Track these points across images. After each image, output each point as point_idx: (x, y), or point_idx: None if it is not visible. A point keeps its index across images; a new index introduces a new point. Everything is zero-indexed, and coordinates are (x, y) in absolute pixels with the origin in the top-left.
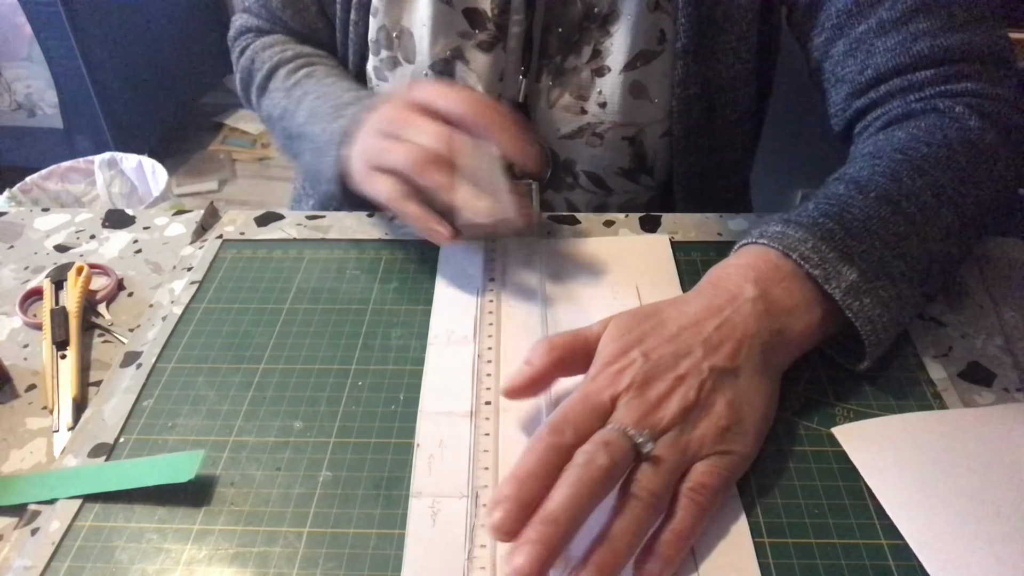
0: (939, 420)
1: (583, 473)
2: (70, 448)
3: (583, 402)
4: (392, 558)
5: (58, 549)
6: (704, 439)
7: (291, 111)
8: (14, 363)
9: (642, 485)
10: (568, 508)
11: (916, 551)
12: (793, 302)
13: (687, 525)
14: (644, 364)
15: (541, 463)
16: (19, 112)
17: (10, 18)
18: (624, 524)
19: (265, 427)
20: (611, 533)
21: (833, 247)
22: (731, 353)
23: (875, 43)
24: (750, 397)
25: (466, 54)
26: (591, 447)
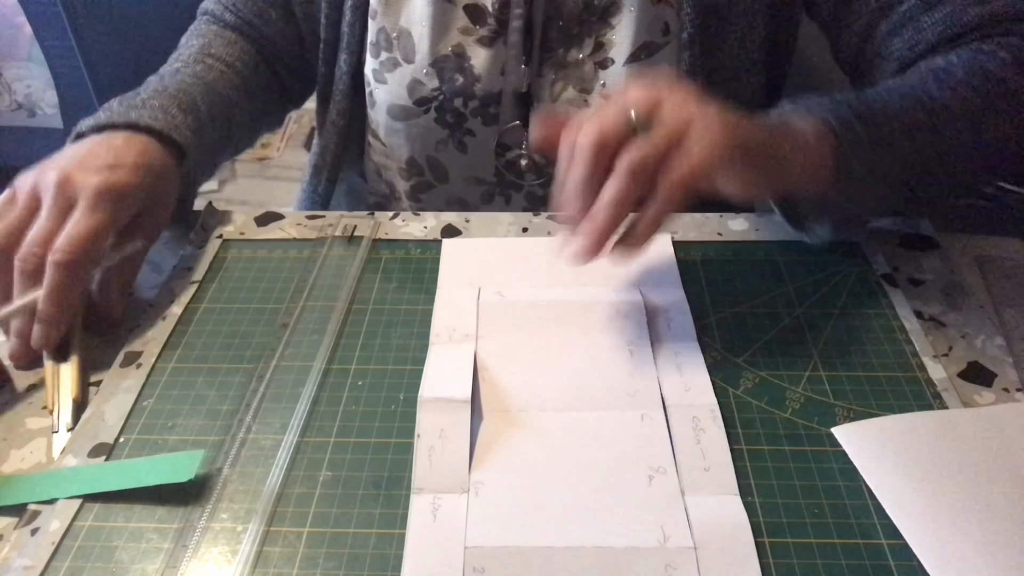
0: (939, 420)
1: (585, 163)
2: (70, 448)
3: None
4: (392, 558)
5: (58, 549)
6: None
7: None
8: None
9: (631, 162)
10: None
11: (916, 551)
12: (806, 133)
13: (659, 212)
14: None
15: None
16: (19, 112)
17: (10, 18)
18: (612, 193)
19: (265, 426)
20: (600, 210)
21: (851, 108)
22: (742, 122)
23: (922, 19)
24: (741, 127)
25: (468, 50)
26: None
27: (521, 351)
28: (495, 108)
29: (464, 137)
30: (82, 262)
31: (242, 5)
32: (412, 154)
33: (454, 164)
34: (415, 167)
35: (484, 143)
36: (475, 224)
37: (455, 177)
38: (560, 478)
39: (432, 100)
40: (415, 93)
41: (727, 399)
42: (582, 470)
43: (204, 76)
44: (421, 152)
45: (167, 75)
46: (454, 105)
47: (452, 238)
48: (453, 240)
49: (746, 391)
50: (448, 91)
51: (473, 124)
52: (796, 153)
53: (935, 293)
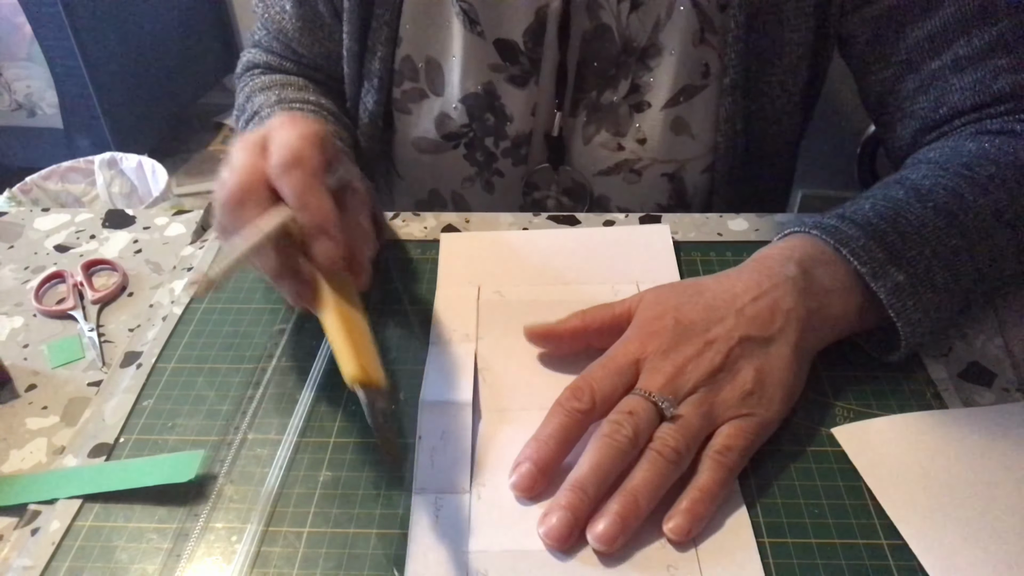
0: (939, 420)
1: (609, 442)
2: (70, 448)
3: (607, 365)
4: (392, 558)
5: (58, 549)
6: (728, 401)
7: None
8: (14, 363)
9: (664, 442)
10: (595, 476)
11: (916, 551)
12: (834, 285)
13: (713, 481)
14: (675, 327)
15: (561, 428)
16: (19, 112)
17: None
18: (646, 476)
19: (265, 427)
20: (633, 484)
21: (884, 248)
22: (764, 324)
23: (951, 80)
24: (778, 367)
25: (498, 89)
26: (616, 416)
27: (521, 351)
28: (525, 149)
29: (492, 177)
30: (304, 157)
31: (306, 49)
32: (436, 187)
33: (478, 202)
34: (438, 201)
35: (512, 183)
36: (475, 224)
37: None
38: (561, 478)
39: (462, 136)
40: (444, 127)
41: None
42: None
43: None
44: (447, 187)
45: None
46: (485, 144)
47: (450, 233)
48: (452, 235)
49: None
50: (479, 129)
51: (503, 164)
52: (835, 321)
53: None
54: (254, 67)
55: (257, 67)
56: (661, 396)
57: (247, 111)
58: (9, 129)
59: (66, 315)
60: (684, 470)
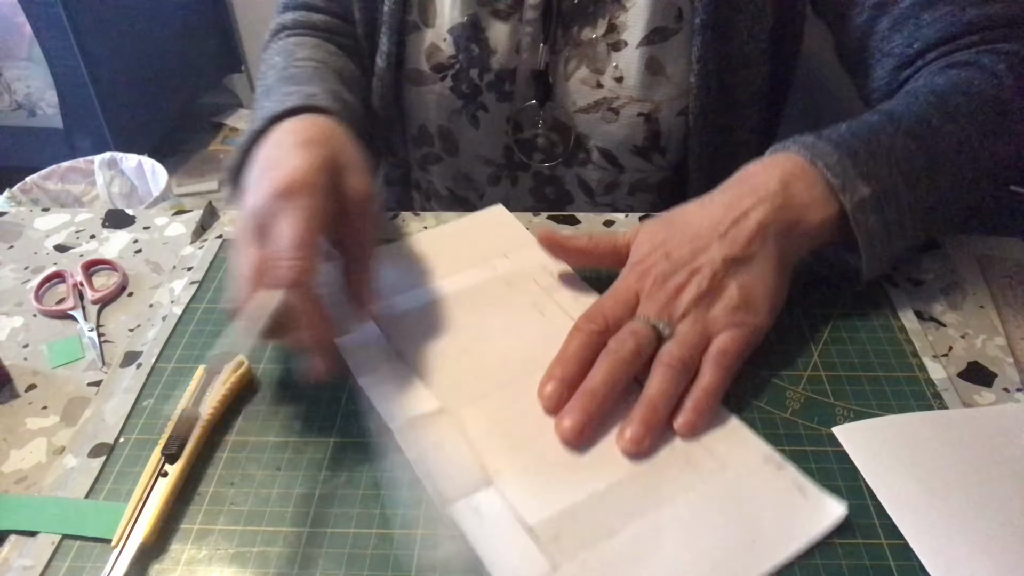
0: (939, 420)
1: (614, 356)
2: (70, 448)
3: (613, 297)
4: (392, 558)
5: (58, 549)
6: (719, 317)
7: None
8: (14, 363)
9: (670, 354)
10: (604, 383)
11: (916, 551)
12: (811, 198)
13: (713, 381)
14: (664, 263)
15: (580, 346)
16: (19, 112)
17: (10, 18)
18: (657, 386)
19: (265, 427)
20: (649, 394)
21: (855, 164)
22: (745, 244)
23: (922, 16)
24: (761, 280)
25: (482, 21)
26: (621, 335)
27: (445, 345)
28: (510, 85)
29: (477, 111)
30: (303, 266)
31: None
32: (424, 122)
33: (465, 138)
34: (426, 136)
35: (497, 120)
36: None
37: (465, 151)
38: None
39: (449, 68)
40: (433, 59)
41: (727, 399)
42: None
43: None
44: (434, 121)
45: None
46: (470, 76)
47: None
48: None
49: (746, 391)
50: (464, 60)
51: (487, 99)
52: (812, 231)
53: (935, 293)
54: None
55: (285, 29)
56: (658, 320)
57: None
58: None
59: (66, 315)
60: (691, 376)
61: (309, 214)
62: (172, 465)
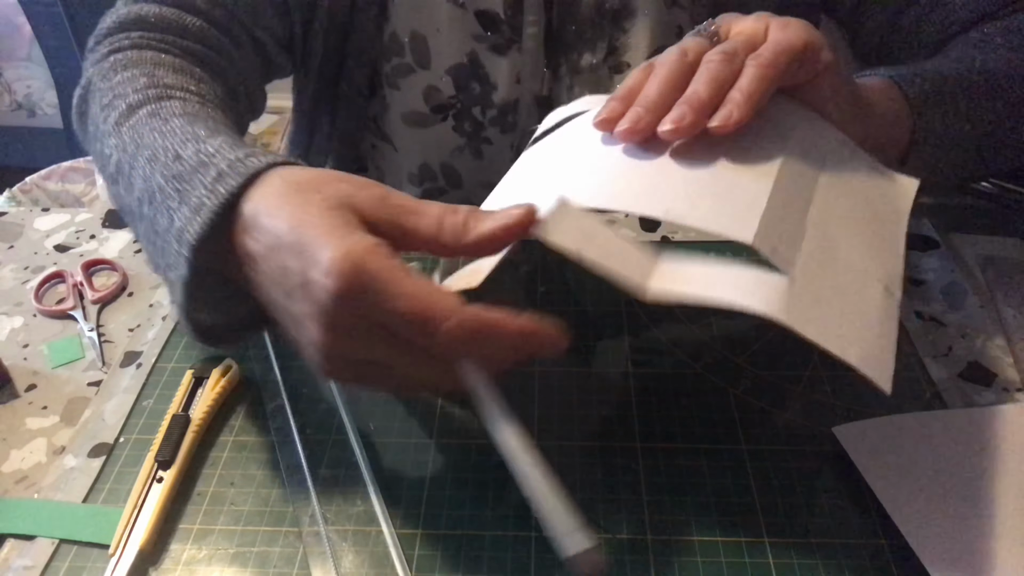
0: (939, 420)
1: (667, 64)
2: (70, 448)
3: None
4: (390, 555)
5: (58, 549)
6: (764, 31)
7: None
8: (14, 363)
9: (715, 50)
10: (656, 86)
11: (916, 551)
12: (880, 97)
13: (752, 80)
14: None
15: (671, 72)
16: (19, 112)
17: (10, 18)
18: (702, 74)
19: (265, 427)
20: (692, 85)
21: (923, 78)
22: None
23: (953, 1)
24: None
25: (481, 58)
26: (672, 49)
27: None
28: (513, 116)
29: (481, 145)
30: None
31: (231, 2)
32: (425, 160)
33: (468, 171)
34: (428, 173)
35: (501, 149)
36: None
37: (469, 183)
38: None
39: (450, 108)
40: (432, 100)
41: (727, 399)
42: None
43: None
44: (436, 159)
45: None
46: (472, 114)
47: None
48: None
49: (746, 391)
50: (465, 99)
51: (491, 132)
52: (875, 103)
53: (935, 293)
54: (133, 26)
55: (143, 28)
56: (709, 30)
57: (98, 95)
58: (9, 129)
59: (66, 315)
60: (736, 69)
61: (400, 273)
62: (166, 471)
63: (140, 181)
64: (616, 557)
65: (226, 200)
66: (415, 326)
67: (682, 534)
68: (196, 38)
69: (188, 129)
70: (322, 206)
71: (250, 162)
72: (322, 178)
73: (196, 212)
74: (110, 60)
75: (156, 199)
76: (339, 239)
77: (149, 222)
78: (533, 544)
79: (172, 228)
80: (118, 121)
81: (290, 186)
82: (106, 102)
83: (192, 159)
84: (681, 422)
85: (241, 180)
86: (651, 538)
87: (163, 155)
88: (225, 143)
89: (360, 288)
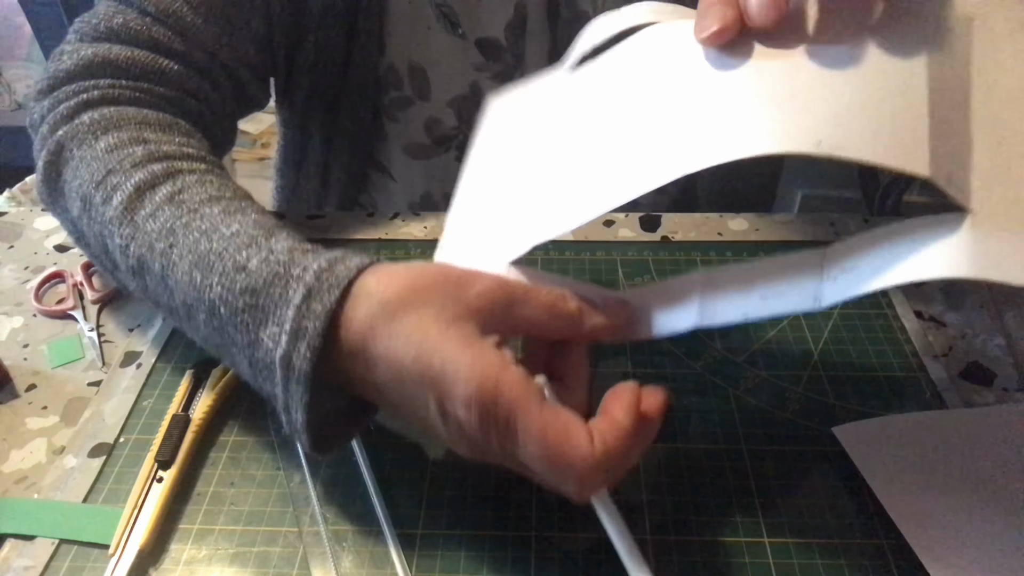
0: (939, 420)
1: None
2: (70, 448)
3: None
4: (390, 555)
5: (58, 549)
6: None
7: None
8: (14, 363)
9: None
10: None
11: (916, 551)
12: None
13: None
14: None
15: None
16: (19, 112)
17: (10, 18)
18: None
19: (265, 427)
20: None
21: None
22: None
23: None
24: None
25: (483, 87)
26: None
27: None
28: None
29: None
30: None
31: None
32: (428, 190)
33: None
34: (430, 202)
35: None
36: None
37: None
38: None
39: (453, 138)
40: (434, 131)
41: (727, 399)
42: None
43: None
44: (439, 189)
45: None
46: None
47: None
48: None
49: (746, 391)
50: (469, 130)
51: None
52: None
53: (935, 293)
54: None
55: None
56: None
57: (81, 165)
58: (9, 129)
59: (66, 315)
60: None
61: (532, 406)
62: (166, 471)
63: (187, 288)
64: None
65: (328, 321)
66: (549, 472)
67: (682, 534)
68: (174, 85)
69: (234, 226)
70: (439, 323)
71: (339, 270)
72: (422, 283)
73: (297, 337)
74: (84, 120)
75: (219, 313)
76: (469, 367)
77: (214, 330)
78: (533, 544)
79: (261, 348)
80: (128, 207)
81: (393, 303)
82: (99, 178)
83: (263, 270)
84: (681, 422)
85: (338, 294)
86: (651, 538)
87: (218, 263)
88: (291, 245)
89: (496, 419)
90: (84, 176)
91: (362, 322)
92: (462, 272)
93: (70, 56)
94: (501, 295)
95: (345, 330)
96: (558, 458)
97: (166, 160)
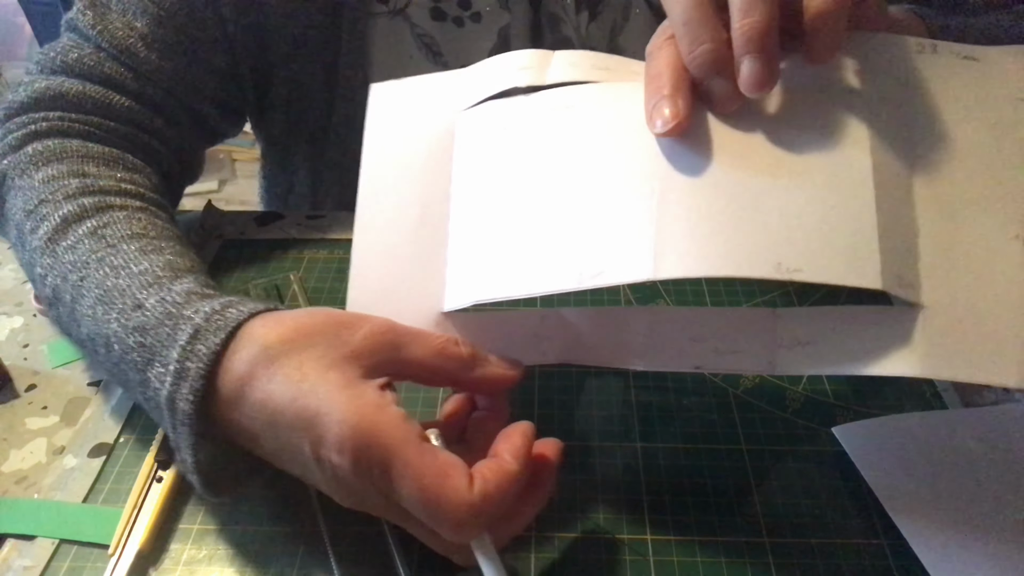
0: (939, 420)
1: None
2: (70, 448)
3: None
4: (390, 555)
5: (58, 549)
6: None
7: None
8: (14, 363)
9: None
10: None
11: (916, 551)
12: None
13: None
14: None
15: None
16: None
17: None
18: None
19: None
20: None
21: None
22: None
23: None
24: None
25: None
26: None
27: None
28: None
29: None
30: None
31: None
32: None
33: None
34: None
35: None
36: None
37: None
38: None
39: None
40: None
41: (727, 399)
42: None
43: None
44: None
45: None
46: None
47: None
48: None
49: (746, 391)
50: None
51: None
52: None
53: None
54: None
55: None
56: None
57: (19, 195)
58: None
59: None
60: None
61: (410, 448)
62: (166, 471)
63: (90, 322)
64: (616, 557)
65: (210, 362)
66: (424, 514)
67: (682, 534)
68: (124, 119)
69: (144, 264)
70: (320, 366)
71: (229, 314)
72: (307, 327)
73: (179, 377)
74: (27, 151)
75: (114, 349)
76: (343, 408)
77: (112, 365)
78: (533, 544)
79: (150, 388)
80: (52, 238)
81: (276, 347)
82: (31, 208)
83: (156, 309)
84: (681, 422)
85: (223, 336)
86: (651, 538)
87: (119, 299)
88: (191, 288)
89: (370, 462)
90: (19, 205)
91: (242, 367)
92: (350, 316)
93: (25, 88)
94: (388, 337)
95: (226, 372)
96: (434, 500)
97: (100, 195)
